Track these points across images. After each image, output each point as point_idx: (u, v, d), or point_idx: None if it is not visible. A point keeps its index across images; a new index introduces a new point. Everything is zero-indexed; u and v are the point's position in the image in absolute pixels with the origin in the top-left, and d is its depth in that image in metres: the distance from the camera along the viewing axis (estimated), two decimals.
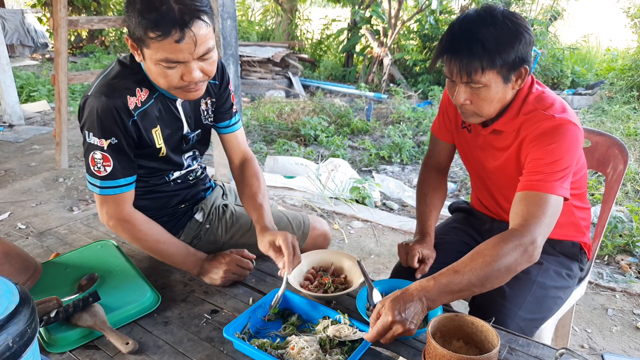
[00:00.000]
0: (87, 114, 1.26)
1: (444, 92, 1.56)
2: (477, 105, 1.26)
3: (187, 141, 1.47)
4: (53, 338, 1.15)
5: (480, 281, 1.10)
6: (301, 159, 4.35)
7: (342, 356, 1.08)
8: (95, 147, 1.26)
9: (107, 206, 1.33)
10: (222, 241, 1.59)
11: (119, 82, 1.28)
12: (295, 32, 10.94)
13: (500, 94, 1.24)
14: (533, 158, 1.24)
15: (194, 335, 1.20)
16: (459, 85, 1.25)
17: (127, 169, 1.32)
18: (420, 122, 5.75)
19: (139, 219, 1.37)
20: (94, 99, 1.25)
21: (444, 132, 1.57)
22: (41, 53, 11.95)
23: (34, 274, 1.36)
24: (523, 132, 1.29)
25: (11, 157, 4.77)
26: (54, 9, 3.80)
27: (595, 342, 2.20)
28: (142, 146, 1.35)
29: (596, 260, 2.87)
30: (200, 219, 1.58)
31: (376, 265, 2.83)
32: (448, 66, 1.23)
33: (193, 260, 1.42)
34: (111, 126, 1.25)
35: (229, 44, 3.46)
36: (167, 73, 1.20)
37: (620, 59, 7.44)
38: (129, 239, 1.39)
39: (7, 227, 3.25)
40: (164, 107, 1.37)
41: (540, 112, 1.27)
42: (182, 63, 1.19)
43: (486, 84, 1.20)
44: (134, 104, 1.29)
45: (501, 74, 1.20)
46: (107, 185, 1.30)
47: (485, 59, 1.17)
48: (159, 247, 1.39)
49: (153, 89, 1.34)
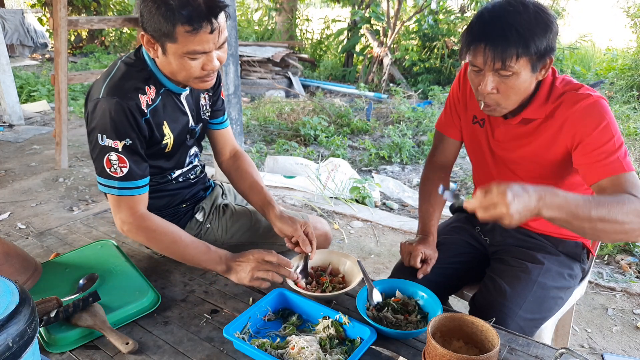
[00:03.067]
0: (99, 117, 1.26)
1: (450, 89, 1.55)
2: (504, 94, 1.25)
3: (193, 134, 1.50)
4: (53, 338, 1.15)
5: (596, 221, 1.05)
6: (301, 158, 4.35)
7: (342, 356, 1.08)
8: (110, 148, 1.27)
9: (123, 209, 1.32)
10: (223, 240, 1.59)
11: (128, 82, 1.29)
12: (295, 32, 10.93)
13: (527, 83, 1.24)
14: (591, 143, 1.23)
15: (194, 335, 1.20)
16: (487, 74, 1.23)
17: (142, 170, 1.33)
18: (420, 122, 5.75)
19: (154, 220, 1.35)
20: (106, 101, 1.25)
21: (451, 128, 1.56)
22: (41, 53, 11.95)
23: (34, 274, 1.36)
24: (561, 116, 1.29)
25: (11, 157, 4.77)
26: (54, 9, 3.80)
27: (595, 341, 2.20)
28: (151, 143, 1.36)
29: (596, 260, 2.87)
30: (200, 219, 1.59)
31: (376, 265, 2.83)
32: (480, 54, 1.21)
33: (216, 258, 1.35)
34: (125, 127, 1.26)
35: (229, 44, 3.46)
36: (190, 65, 1.25)
37: (620, 59, 7.44)
38: (146, 241, 1.36)
39: (7, 227, 3.25)
40: (170, 103, 1.40)
41: (574, 93, 1.28)
42: (205, 53, 1.24)
43: (516, 72, 1.20)
44: (146, 102, 1.31)
45: (531, 62, 1.20)
46: (126, 187, 1.30)
47: (520, 46, 1.16)
48: (179, 244, 1.35)
49: (159, 85, 1.36)
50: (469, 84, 1.43)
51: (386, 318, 1.22)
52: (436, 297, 1.25)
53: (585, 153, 1.24)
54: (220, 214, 1.62)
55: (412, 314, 1.24)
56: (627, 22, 7.39)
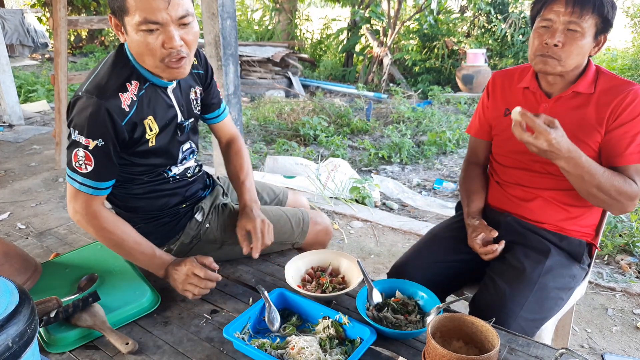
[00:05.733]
0: (76, 112, 1.25)
1: (480, 100, 1.68)
2: (567, 49, 1.35)
3: (182, 129, 1.48)
4: (53, 338, 1.15)
5: (601, 183, 1.30)
6: (301, 158, 4.34)
7: (342, 356, 1.08)
8: (80, 144, 1.25)
9: (78, 202, 1.32)
10: (222, 240, 1.59)
11: (110, 80, 1.28)
12: (295, 32, 10.94)
13: (586, 47, 1.35)
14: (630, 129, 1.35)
15: (193, 335, 1.20)
16: (557, 26, 1.33)
17: (107, 173, 1.31)
18: (420, 122, 5.75)
19: (105, 216, 1.34)
20: (86, 99, 1.24)
21: (482, 132, 1.68)
22: (41, 53, 11.95)
23: (34, 274, 1.36)
24: (612, 94, 1.38)
25: (11, 157, 4.77)
26: (54, 9, 3.80)
27: (595, 342, 2.20)
28: (134, 143, 1.34)
29: (596, 260, 2.87)
30: (200, 219, 1.58)
31: (376, 265, 2.83)
32: (561, 4, 1.32)
33: (159, 263, 1.37)
34: (100, 128, 1.24)
35: (229, 44, 3.45)
36: (148, 42, 1.21)
37: (619, 59, 7.45)
38: (94, 234, 1.36)
39: (7, 227, 3.25)
40: (155, 97, 1.37)
41: (621, 78, 1.41)
42: (161, 26, 1.20)
43: (583, 31, 1.32)
44: (130, 99, 1.29)
45: (597, 27, 1.33)
46: (87, 184, 1.29)
47: (597, 3, 1.29)
48: (124, 245, 1.35)
49: (143, 80, 1.34)
50: (498, 89, 1.60)
51: (386, 318, 1.22)
52: (436, 297, 1.25)
53: (618, 137, 1.37)
54: (219, 213, 1.61)
55: (412, 314, 1.24)
56: (627, 23, 7.39)
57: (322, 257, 1.47)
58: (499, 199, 1.62)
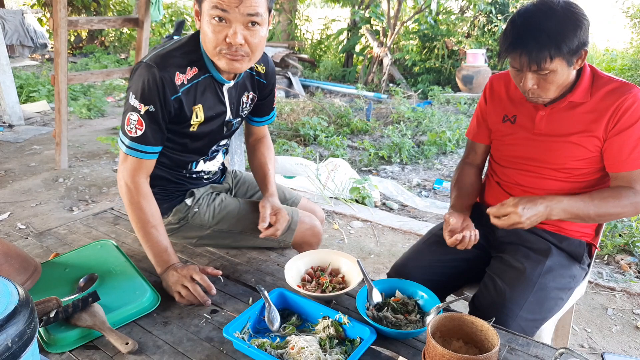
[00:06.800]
0: (135, 78, 1.34)
1: (478, 104, 1.67)
2: (544, 88, 1.35)
3: (230, 127, 1.57)
4: (52, 338, 1.15)
5: (596, 217, 1.35)
6: (301, 159, 4.34)
7: (342, 356, 1.08)
8: (134, 108, 1.34)
9: (126, 167, 1.39)
10: (209, 226, 1.60)
11: (172, 58, 1.35)
12: (294, 32, 10.94)
13: (565, 76, 1.33)
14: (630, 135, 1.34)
15: (193, 335, 1.20)
16: (526, 74, 1.33)
17: (156, 138, 1.38)
18: (420, 122, 5.75)
19: (144, 192, 1.40)
20: (146, 67, 1.32)
21: (480, 136, 1.68)
22: (41, 53, 11.95)
23: (34, 274, 1.36)
24: (610, 99, 1.36)
25: (11, 157, 4.77)
26: (54, 10, 3.80)
27: (595, 341, 2.20)
28: (178, 121, 1.41)
29: (596, 260, 2.87)
30: (189, 203, 1.61)
31: (376, 265, 2.83)
32: (517, 59, 1.31)
33: (166, 258, 1.38)
34: (153, 95, 1.32)
35: None
36: (215, 29, 1.28)
37: (619, 59, 7.45)
38: (127, 204, 1.40)
39: (7, 227, 3.25)
40: (210, 89, 1.44)
41: (619, 80, 1.38)
42: (228, 21, 1.26)
43: (553, 70, 1.29)
44: (182, 80, 1.36)
45: (566, 59, 1.29)
46: (134, 147, 1.36)
47: (552, 48, 1.25)
48: (146, 226, 1.38)
49: (204, 70, 1.41)
50: (496, 94, 1.59)
51: (386, 318, 1.22)
52: (436, 296, 1.25)
53: (620, 143, 1.35)
54: (210, 200, 1.64)
55: (412, 314, 1.24)
56: (627, 23, 7.39)
57: (322, 257, 1.47)
58: (499, 199, 1.62)
